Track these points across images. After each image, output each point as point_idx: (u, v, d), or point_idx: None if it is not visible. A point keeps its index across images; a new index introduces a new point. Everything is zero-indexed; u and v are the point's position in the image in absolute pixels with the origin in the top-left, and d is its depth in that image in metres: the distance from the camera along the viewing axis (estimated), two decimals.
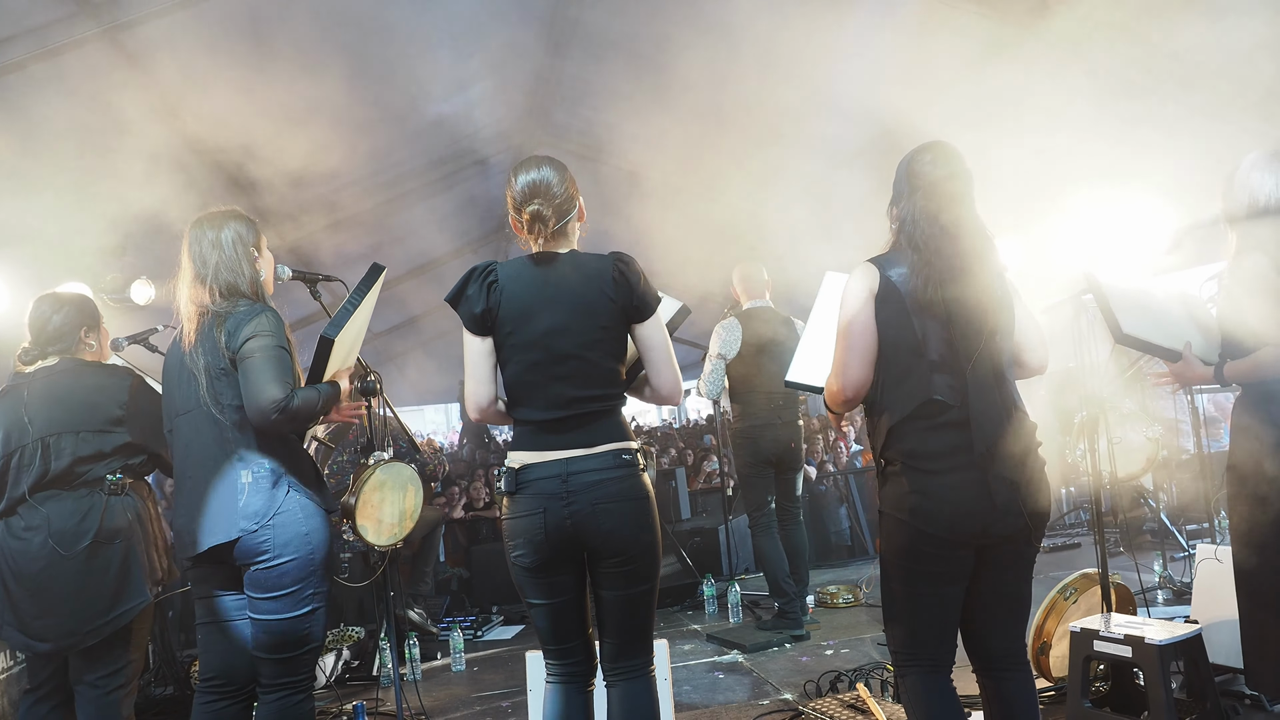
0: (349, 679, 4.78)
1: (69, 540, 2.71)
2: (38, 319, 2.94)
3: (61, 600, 2.71)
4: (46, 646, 2.73)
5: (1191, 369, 2.85)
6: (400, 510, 3.41)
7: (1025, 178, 5.55)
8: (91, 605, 2.73)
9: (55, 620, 2.71)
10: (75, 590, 2.72)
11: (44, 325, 2.93)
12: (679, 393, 2.39)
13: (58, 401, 2.80)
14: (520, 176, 2.32)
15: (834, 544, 7.65)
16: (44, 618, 2.72)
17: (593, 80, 6.62)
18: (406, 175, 7.36)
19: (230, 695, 2.55)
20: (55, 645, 2.73)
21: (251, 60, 4.87)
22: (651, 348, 2.34)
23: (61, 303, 2.98)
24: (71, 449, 2.76)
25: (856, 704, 3.33)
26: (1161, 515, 5.64)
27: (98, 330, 3.04)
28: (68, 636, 2.72)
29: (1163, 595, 4.69)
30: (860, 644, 4.67)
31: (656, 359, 2.35)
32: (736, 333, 4.98)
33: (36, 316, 2.94)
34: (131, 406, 2.84)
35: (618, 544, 2.26)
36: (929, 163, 2.25)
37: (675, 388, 2.38)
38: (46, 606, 2.71)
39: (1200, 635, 2.92)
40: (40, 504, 2.76)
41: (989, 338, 2.18)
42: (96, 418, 2.80)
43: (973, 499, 2.14)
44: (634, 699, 2.32)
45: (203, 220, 2.58)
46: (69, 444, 2.77)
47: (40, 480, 2.76)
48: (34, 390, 2.83)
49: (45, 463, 2.76)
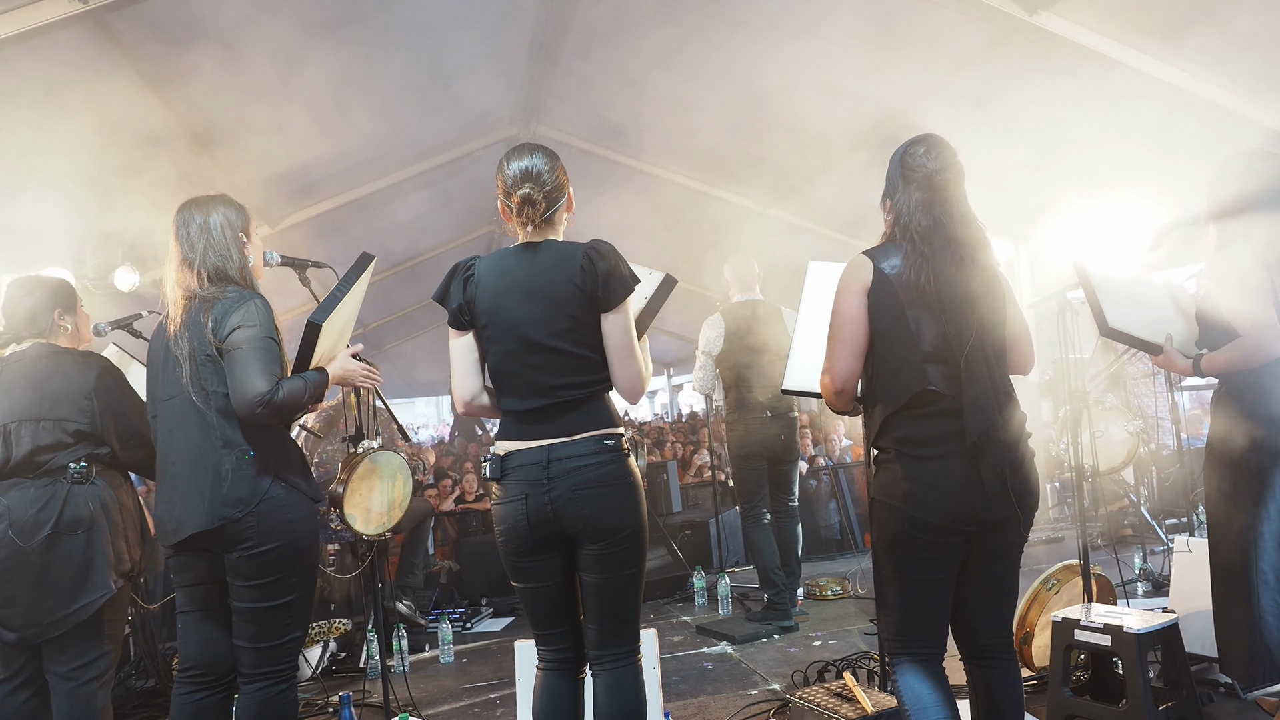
0: (335, 671, 4.77)
1: (27, 530, 2.66)
2: (9, 302, 2.89)
3: (22, 590, 2.66)
4: (12, 636, 2.69)
5: (1172, 361, 2.90)
6: (389, 499, 3.42)
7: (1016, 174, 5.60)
8: (51, 597, 2.67)
9: (18, 610, 2.66)
10: (35, 581, 2.66)
11: (15, 308, 2.87)
12: (640, 390, 2.33)
13: (21, 389, 2.74)
14: (512, 163, 2.34)
15: (823, 537, 7.70)
16: (7, 607, 2.67)
17: (588, 72, 6.62)
18: (395, 166, 7.34)
19: (209, 686, 2.51)
20: (20, 635, 2.68)
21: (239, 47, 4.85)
22: (610, 343, 2.30)
23: (34, 285, 2.92)
24: (31, 437, 2.70)
25: (843, 693, 3.36)
26: (1142, 509, 5.70)
27: (74, 313, 2.96)
28: (30, 627, 2.67)
29: (1142, 587, 4.74)
30: (848, 635, 4.71)
31: (615, 353, 2.31)
32: (719, 328, 5.02)
33: (8, 300, 2.89)
34: (95, 397, 2.77)
35: (598, 529, 2.27)
36: (922, 155, 2.26)
37: (636, 385, 2.32)
38: (9, 596, 2.66)
39: (1177, 625, 2.96)
40: (2, 492, 2.71)
41: (982, 328, 2.20)
42: (58, 407, 2.73)
43: (965, 486, 2.16)
44: (620, 687, 2.32)
45: (191, 204, 2.55)
46: (28, 432, 2.71)
47: (2, 468, 2.71)
48: (3, 376, 2.78)
49: (7, 450, 2.70)
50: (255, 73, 5.18)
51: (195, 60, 4.83)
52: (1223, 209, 2.77)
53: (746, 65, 5.74)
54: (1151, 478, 6.53)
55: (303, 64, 5.28)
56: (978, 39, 4.97)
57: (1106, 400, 4.91)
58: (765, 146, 6.83)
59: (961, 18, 4.80)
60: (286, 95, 5.54)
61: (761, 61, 5.66)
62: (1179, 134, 5.00)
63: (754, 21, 5.30)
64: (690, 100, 6.39)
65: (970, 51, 5.10)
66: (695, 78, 6.10)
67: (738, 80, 5.95)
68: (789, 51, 5.45)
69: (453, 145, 7.42)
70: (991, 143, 5.10)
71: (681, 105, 6.47)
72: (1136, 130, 5.16)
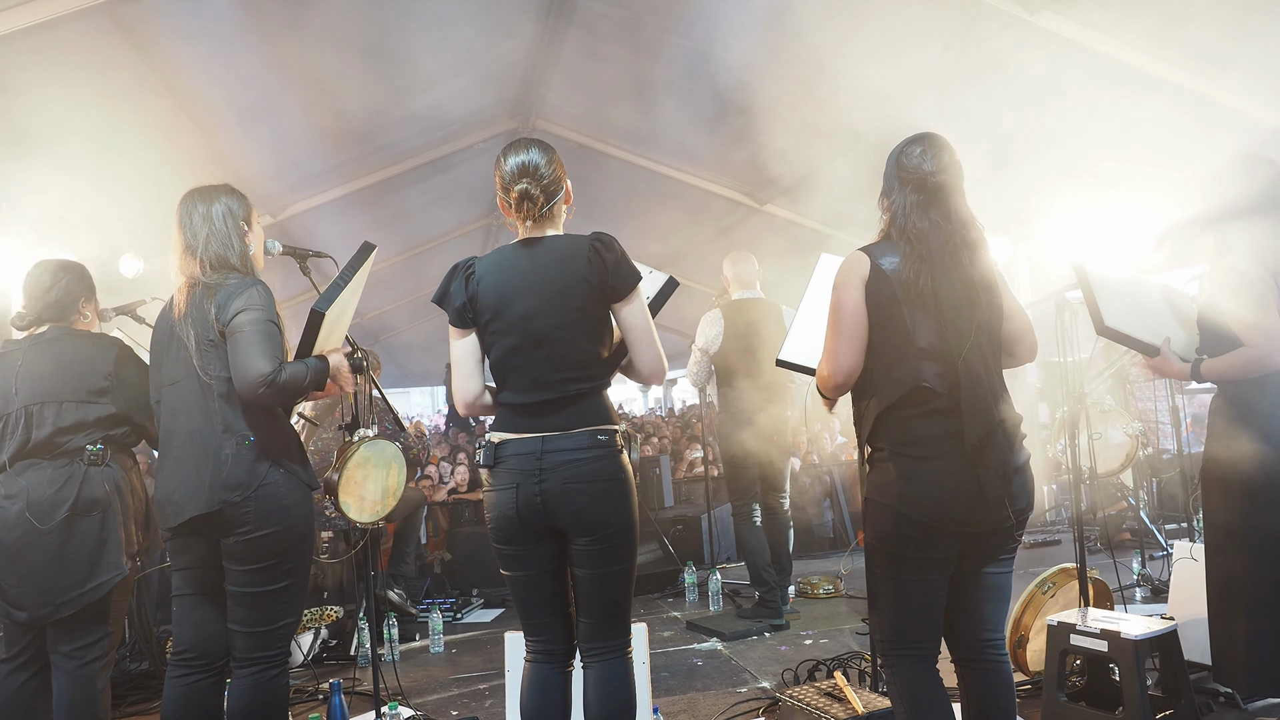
0: (326, 658, 4.78)
1: (45, 510, 2.70)
2: (37, 285, 2.92)
3: (37, 570, 2.70)
4: (23, 615, 2.73)
5: (1168, 364, 2.88)
6: (383, 488, 3.41)
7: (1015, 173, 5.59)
8: (67, 576, 2.72)
9: (31, 589, 2.70)
10: (50, 561, 2.71)
11: (44, 293, 2.91)
12: (662, 373, 2.38)
13: (44, 371, 2.80)
14: (510, 158, 2.34)
15: (816, 535, 7.70)
16: (20, 586, 2.71)
17: (588, 66, 6.60)
18: (394, 158, 7.32)
19: (202, 669, 2.54)
20: (31, 614, 2.72)
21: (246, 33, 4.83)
22: (631, 328, 2.34)
23: (63, 270, 2.96)
24: (53, 419, 2.76)
25: (833, 692, 3.34)
26: (1141, 514, 5.69)
27: (93, 300, 3.04)
28: (43, 606, 2.71)
29: (1140, 593, 4.72)
30: (839, 634, 4.70)
31: (637, 339, 2.35)
32: (718, 326, 4.98)
33: (35, 283, 2.92)
34: (116, 377, 2.84)
35: (589, 523, 2.27)
36: (919, 155, 2.25)
37: (657, 367, 2.37)
38: (23, 575, 2.71)
39: (1175, 631, 2.94)
40: (20, 473, 2.76)
41: (980, 330, 2.19)
42: (80, 388, 2.79)
43: (959, 486, 2.15)
44: (609, 681, 2.33)
45: (194, 193, 2.60)
46: (51, 414, 2.76)
47: (21, 449, 2.76)
48: (26, 358, 2.82)
49: (27, 431, 2.75)
50: (257, 62, 5.16)
51: (200, 49, 4.81)
52: (1219, 214, 2.76)
53: (742, 60, 5.71)
54: (1151, 481, 6.52)
55: (303, 57, 5.26)
56: (979, 37, 4.95)
57: (1105, 402, 4.89)
58: (762, 142, 6.81)
59: (964, 16, 4.78)
60: (288, 87, 5.52)
61: (757, 56, 5.64)
62: (1180, 134, 4.99)
63: (753, 15, 5.28)
64: (685, 94, 6.37)
65: (972, 50, 5.07)
66: (692, 73, 6.07)
67: (734, 75, 5.92)
68: (786, 46, 5.42)
69: (452, 138, 7.40)
70: (991, 141, 5.10)
71: (677, 99, 6.45)
72: (1137, 130, 5.14)
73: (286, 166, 6.59)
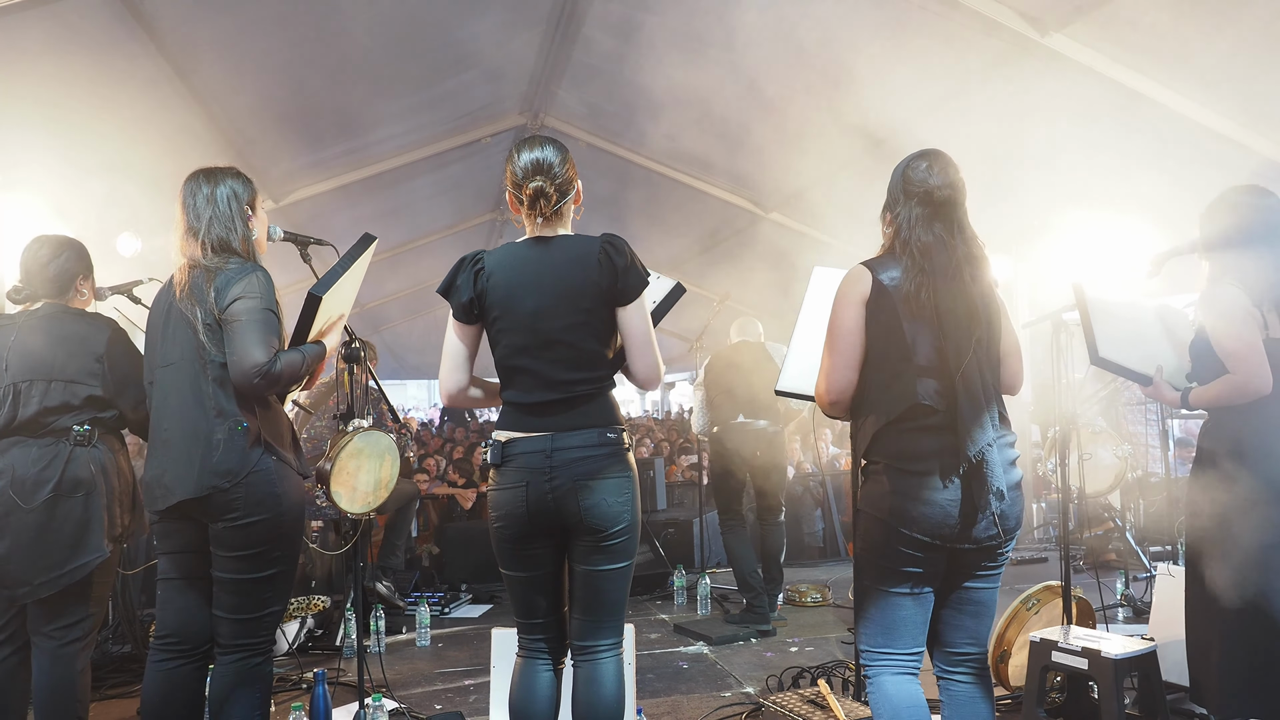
0: (311, 647, 4.77)
1: (29, 489, 2.67)
2: (35, 261, 2.87)
3: (18, 548, 2.67)
4: (2, 593, 2.70)
5: (1161, 393, 2.92)
6: (376, 479, 3.41)
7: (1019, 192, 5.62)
8: (48, 556, 2.69)
9: (12, 568, 2.68)
10: (32, 540, 2.67)
11: (42, 268, 2.87)
12: (657, 379, 2.38)
13: (36, 348, 2.75)
14: (523, 154, 2.34)
15: (806, 544, 7.72)
16: (1, 565, 2.69)
17: (600, 65, 6.61)
18: (400, 149, 7.32)
19: (184, 655, 2.52)
20: (10, 593, 2.70)
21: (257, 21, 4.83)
22: (631, 333, 2.34)
23: (62, 246, 2.91)
24: (40, 397, 2.72)
25: (817, 700, 3.36)
26: (1127, 535, 5.71)
27: (91, 278, 3.00)
28: (21, 585, 2.68)
29: (1123, 613, 4.74)
30: (825, 643, 4.72)
31: (636, 344, 2.35)
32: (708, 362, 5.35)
33: (33, 258, 2.87)
34: (106, 360, 2.79)
35: (596, 520, 2.27)
36: (924, 170, 2.27)
37: (654, 373, 2.37)
38: (3, 553, 2.68)
39: (1155, 651, 2.97)
40: (4, 451, 2.72)
41: (979, 346, 2.20)
42: (69, 368, 2.75)
43: (952, 503, 2.16)
44: (601, 679, 2.33)
45: (199, 174, 2.56)
46: (38, 392, 2.72)
47: (7, 426, 2.72)
48: (19, 334, 2.78)
49: (14, 409, 2.71)
50: (265, 43, 5.16)
51: (208, 32, 4.80)
52: (1215, 243, 2.79)
53: (754, 68, 5.73)
54: (1138, 504, 6.54)
55: (313, 40, 5.26)
56: (988, 56, 4.98)
57: (1096, 424, 4.92)
58: (768, 151, 6.83)
59: (974, 35, 4.82)
60: (296, 69, 5.52)
61: (768, 66, 5.66)
62: (1180, 160, 5.03)
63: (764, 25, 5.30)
64: (696, 99, 6.39)
65: (980, 68, 5.11)
66: (703, 79, 6.09)
67: (744, 83, 5.94)
68: (796, 57, 5.45)
69: (461, 131, 7.40)
70: (997, 159, 5.13)
71: (688, 103, 6.47)
72: (1140, 155, 5.18)
73: (290, 151, 6.58)
